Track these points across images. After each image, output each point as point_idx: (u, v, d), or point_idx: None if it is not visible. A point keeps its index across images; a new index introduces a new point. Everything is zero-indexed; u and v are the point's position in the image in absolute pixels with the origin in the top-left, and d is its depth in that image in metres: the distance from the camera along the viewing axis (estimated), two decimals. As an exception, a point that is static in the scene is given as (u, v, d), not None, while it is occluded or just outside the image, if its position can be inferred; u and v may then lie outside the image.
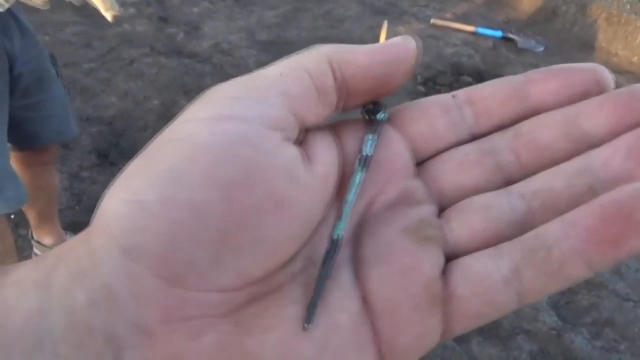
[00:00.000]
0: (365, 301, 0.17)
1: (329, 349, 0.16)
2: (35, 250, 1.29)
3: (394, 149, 0.19)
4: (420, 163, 0.19)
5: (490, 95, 0.19)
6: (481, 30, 2.45)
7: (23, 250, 1.30)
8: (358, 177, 0.18)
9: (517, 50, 2.36)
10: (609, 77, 0.18)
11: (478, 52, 2.31)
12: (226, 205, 0.14)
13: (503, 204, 0.18)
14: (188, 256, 0.14)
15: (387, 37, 2.25)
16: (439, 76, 2.13)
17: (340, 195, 0.18)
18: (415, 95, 2.00)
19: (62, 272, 0.14)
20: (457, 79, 2.13)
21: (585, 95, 0.18)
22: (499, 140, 0.19)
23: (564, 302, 1.32)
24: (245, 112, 0.16)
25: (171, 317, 0.14)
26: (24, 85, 0.98)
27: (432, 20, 2.53)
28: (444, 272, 0.17)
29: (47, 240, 1.26)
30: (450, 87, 2.07)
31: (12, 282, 0.14)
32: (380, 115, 0.19)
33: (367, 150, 0.18)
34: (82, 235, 0.15)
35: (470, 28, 2.46)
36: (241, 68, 2.08)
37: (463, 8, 2.73)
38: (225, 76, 1.87)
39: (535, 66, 0.53)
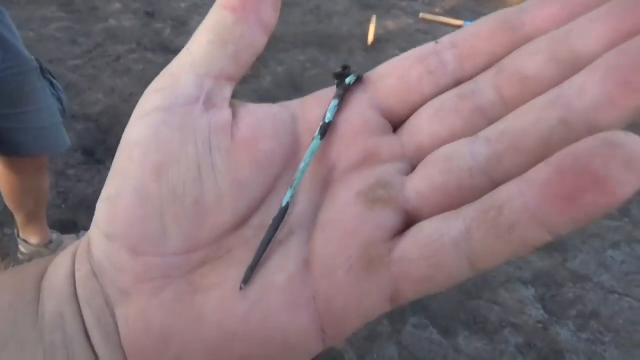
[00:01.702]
0: (307, 263, 0.17)
1: (261, 306, 0.17)
2: (21, 248, 1.28)
3: (355, 109, 0.19)
4: (404, 121, 0.19)
5: (476, 32, 0.17)
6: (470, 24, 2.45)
7: (8, 249, 1.29)
8: (313, 145, 0.18)
9: (506, 44, 2.36)
10: None
11: (466, 46, 2.31)
12: (158, 184, 0.17)
13: (464, 153, 0.16)
14: (142, 230, 0.17)
15: (376, 32, 2.23)
16: (428, 71, 2.13)
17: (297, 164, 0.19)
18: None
19: (78, 253, 0.19)
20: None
21: None
22: (481, 80, 0.17)
23: (550, 296, 1.34)
24: (163, 101, 0.18)
25: (140, 279, 0.17)
26: (1, 95, 0.96)
27: (421, 15, 2.53)
28: (401, 234, 0.16)
29: (34, 239, 1.25)
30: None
31: (61, 255, 0.19)
32: (348, 79, 0.19)
33: (329, 116, 0.18)
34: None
35: (459, 22, 2.46)
36: (229, 64, 2.06)
37: (452, 2, 2.73)
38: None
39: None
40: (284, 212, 0.18)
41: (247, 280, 0.17)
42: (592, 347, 1.23)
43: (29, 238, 1.25)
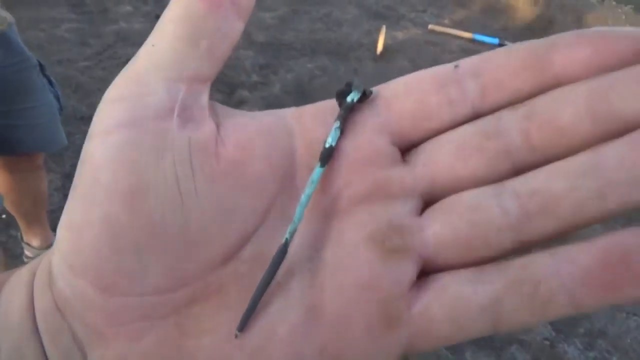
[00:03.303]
0: (314, 311, 0.15)
1: (261, 358, 0.15)
2: (25, 252, 1.27)
3: (364, 134, 0.17)
4: (412, 147, 0.17)
5: (502, 64, 0.16)
6: (478, 37, 2.46)
7: (13, 251, 1.28)
8: (314, 174, 0.16)
9: (514, 58, 2.37)
10: None
11: (475, 59, 2.32)
12: (131, 214, 0.15)
13: (493, 205, 0.15)
14: (115, 265, 0.15)
15: (385, 42, 2.24)
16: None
17: (295, 187, 0.17)
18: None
19: (37, 281, 0.16)
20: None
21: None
22: (507, 118, 0.16)
23: (558, 313, 1.33)
24: (128, 114, 0.15)
25: (114, 322, 0.15)
26: (1, 92, 0.96)
27: (430, 26, 2.53)
28: (418, 285, 0.16)
29: (36, 242, 1.24)
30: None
31: (13, 280, 0.17)
32: (350, 97, 0.17)
33: (329, 141, 0.16)
34: (49, 250, 0.17)
35: (468, 35, 2.47)
36: (238, 69, 2.07)
37: (461, 15, 2.73)
38: (221, 77, 1.86)
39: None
40: (283, 251, 0.16)
41: (242, 327, 0.15)
42: (599, 366, 1.22)
43: (31, 241, 1.24)
